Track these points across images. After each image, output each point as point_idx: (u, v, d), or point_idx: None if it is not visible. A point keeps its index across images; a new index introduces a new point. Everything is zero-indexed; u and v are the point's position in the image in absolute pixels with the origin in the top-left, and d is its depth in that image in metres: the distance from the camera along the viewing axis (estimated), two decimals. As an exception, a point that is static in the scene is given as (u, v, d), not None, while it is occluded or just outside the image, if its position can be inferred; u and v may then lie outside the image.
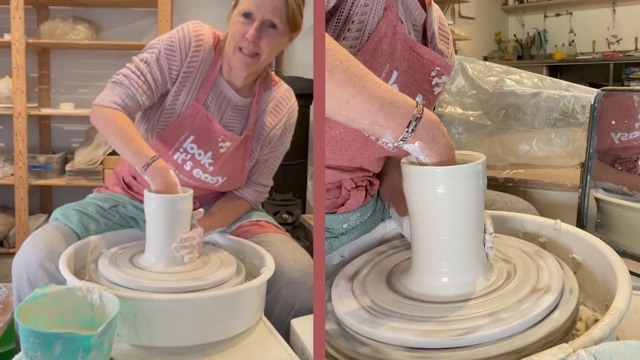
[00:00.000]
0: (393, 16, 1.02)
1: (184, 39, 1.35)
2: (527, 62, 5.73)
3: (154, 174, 1.20)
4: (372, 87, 0.74)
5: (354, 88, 0.73)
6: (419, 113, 0.77)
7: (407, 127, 0.76)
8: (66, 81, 3.19)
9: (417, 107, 0.77)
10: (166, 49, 1.34)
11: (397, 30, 1.02)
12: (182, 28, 1.36)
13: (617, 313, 0.71)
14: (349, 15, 0.99)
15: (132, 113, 1.33)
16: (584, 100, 2.07)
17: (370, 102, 0.74)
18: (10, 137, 2.87)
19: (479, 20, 5.51)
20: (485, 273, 0.85)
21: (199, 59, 1.36)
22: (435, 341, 0.73)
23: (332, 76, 0.72)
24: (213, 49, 1.38)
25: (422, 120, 0.77)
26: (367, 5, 0.99)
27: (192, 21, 1.39)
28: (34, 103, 3.01)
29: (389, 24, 1.01)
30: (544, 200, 1.89)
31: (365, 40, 0.99)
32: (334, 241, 1.13)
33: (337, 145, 1.05)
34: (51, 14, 3.10)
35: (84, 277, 1.22)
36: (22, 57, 2.75)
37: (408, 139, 0.78)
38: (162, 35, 1.38)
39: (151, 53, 1.35)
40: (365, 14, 0.99)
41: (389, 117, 0.75)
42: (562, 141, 2.07)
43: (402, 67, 1.04)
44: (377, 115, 0.75)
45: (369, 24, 1.00)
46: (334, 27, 1.00)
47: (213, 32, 1.40)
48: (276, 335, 1.13)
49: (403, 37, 1.03)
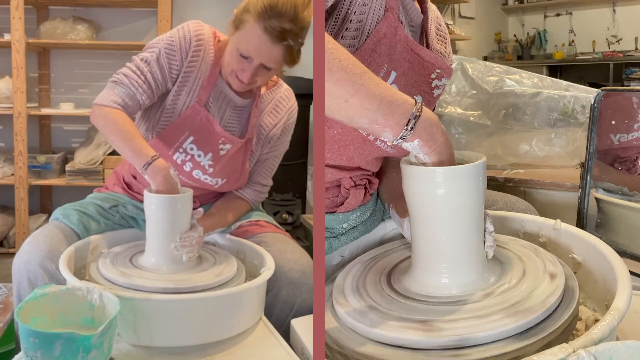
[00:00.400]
0: (394, 18, 1.02)
1: (184, 38, 1.35)
2: (527, 62, 5.73)
3: (154, 173, 1.19)
4: (371, 85, 0.74)
5: (352, 87, 0.73)
6: (418, 111, 0.77)
7: (406, 125, 0.76)
8: (66, 81, 3.19)
9: (416, 105, 0.77)
10: (166, 48, 1.34)
11: (398, 32, 1.02)
12: (183, 27, 1.36)
13: (617, 313, 0.71)
14: (347, 15, 0.99)
15: (132, 112, 1.33)
16: (584, 100, 2.07)
17: (369, 100, 0.74)
18: (10, 137, 2.87)
19: (479, 20, 5.51)
20: (485, 273, 0.85)
21: (200, 58, 1.36)
22: (435, 341, 0.73)
23: (331, 75, 0.72)
24: (214, 49, 1.38)
25: (421, 118, 0.77)
26: (365, 5, 0.99)
27: (192, 21, 1.39)
28: (34, 103, 3.01)
29: (390, 25, 1.01)
30: (544, 200, 1.89)
31: (363, 40, 0.99)
32: (333, 241, 1.13)
33: (336, 145, 1.05)
34: (51, 14, 3.10)
35: (84, 277, 1.22)
36: (22, 57, 2.75)
37: (407, 137, 0.78)
38: (162, 35, 1.38)
39: (151, 52, 1.35)
40: (364, 13, 0.99)
41: (388, 116, 0.75)
42: (562, 141, 2.07)
43: (402, 68, 1.03)
44: (376, 113, 0.75)
45: (367, 23, 1.00)
46: (332, 26, 1.00)
47: (213, 31, 1.40)
48: (276, 335, 1.13)
49: (404, 39, 1.03)
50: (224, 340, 1.09)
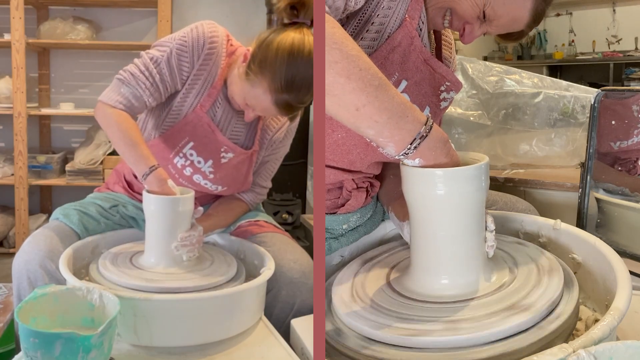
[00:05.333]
0: (412, 27, 1.01)
1: (197, 39, 1.29)
2: (527, 62, 5.73)
3: (152, 183, 1.19)
4: (384, 98, 0.73)
5: (366, 97, 0.72)
6: (426, 132, 0.77)
7: (410, 143, 0.76)
8: (66, 81, 3.19)
9: (425, 124, 0.77)
10: (178, 49, 1.29)
11: (414, 42, 1.02)
12: (197, 27, 1.31)
13: (617, 313, 0.71)
14: (370, 17, 0.99)
15: (137, 113, 1.31)
16: (584, 100, 2.07)
17: (379, 113, 0.73)
18: (10, 137, 2.87)
19: (479, 20, 5.50)
20: (486, 273, 0.85)
21: (211, 62, 1.32)
22: (435, 341, 0.73)
23: (348, 82, 0.71)
24: (225, 54, 1.34)
25: (427, 138, 0.77)
26: (390, 9, 0.99)
27: (206, 21, 1.33)
28: (34, 103, 3.01)
29: (406, 34, 1.01)
30: (544, 200, 1.89)
31: (381, 43, 0.99)
32: (333, 242, 1.13)
33: (339, 149, 1.05)
34: (51, 14, 3.10)
35: (84, 277, 1.22)
36: (22, 57, 2.75)
37: (409, 155, 0.78)
38: (174, 34, 1.33)
39: (162, 52, 1.29)
40: (387, 16, 0.99)
41: (395, 131, 0.75)
42: (562, 141, 2.07)
43: (413, 79, 1.03)
44: (384, 127, 0.74)
45: (388, 27, 1.00)
46: (355, 26, 1.00)
47: (227, 34, 1.36)
48: (276, 335, 1.13)
49: (419, 49, 1.03)
50: (224, 340, 1.09)
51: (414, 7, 1.02)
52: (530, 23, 1.02)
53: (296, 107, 1.23)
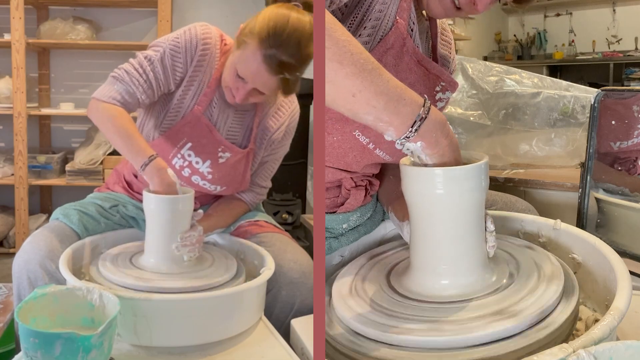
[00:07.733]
0: (403, 28, 1.01)
1: (190, 41, 1.32)
2: (527, 62, 5.73)
3: (151, 173, 1.19)
4: (380, 82, 0.72)
5: (361, 82, 0.71)
6: (425, 113, 0.76)
7: (411, 126, 0.75)
8: (66, 81, 3.19)
9: (424, 106, 0.76)
10: (171, 50, 1.31)
11: (406, 43, 1.02)
12: (190, 30, 1.33)
13: (617, 313, 0.71)
14: (362, 20, 0.99)
15: (130, 110, 1.31)
16: (584, 100, 2.07)
17: (376, 98, 0.72)
18: (10, 137, 2.87)
19: (479, 20, 5.50)
20: (486, 273, 0.85)
21: (205, 63, 1.34)
22: (435, 341, 0.73)
23: (341, 68, 0.70)
24: (219, 53, 1.35)
25: (427, 120, 0.76)
26: (381, 12, 0.99)
27: (199, 23, 1.35)
28: (34, 103, 3.01)
29: (398, 36, 1.00)
30: (544, 200, 1.89)
31: (374, 46, 0.99)
32: (333, 242, 1.13)
33: (335, 152, 1.05)
34: (51, 14, 3.10)
35: (84, 277, 1.22)
36: (22, 57, 2.75)
37: (411, 138, 0.77)
38: (168, 34, 1.35)
39: (156, 51, 1.32)
40: (379, 19, 0.99)
41: (394, 115, 0.74)
42: (562, 141, 2.07)
43: (407, 80, 1.03)
44: (382, 112, 0.73)
45: (380, 30, 1.00)
46: (347, 29, 1.00)
47: (220, 34, 1.37)
48: (276, 335, 1.13)
49: (412, 50, 1.03)
50: (224, 340, 1.09)
51: (403, 8, 1.02)
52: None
53: (287, 65, 1.20)
